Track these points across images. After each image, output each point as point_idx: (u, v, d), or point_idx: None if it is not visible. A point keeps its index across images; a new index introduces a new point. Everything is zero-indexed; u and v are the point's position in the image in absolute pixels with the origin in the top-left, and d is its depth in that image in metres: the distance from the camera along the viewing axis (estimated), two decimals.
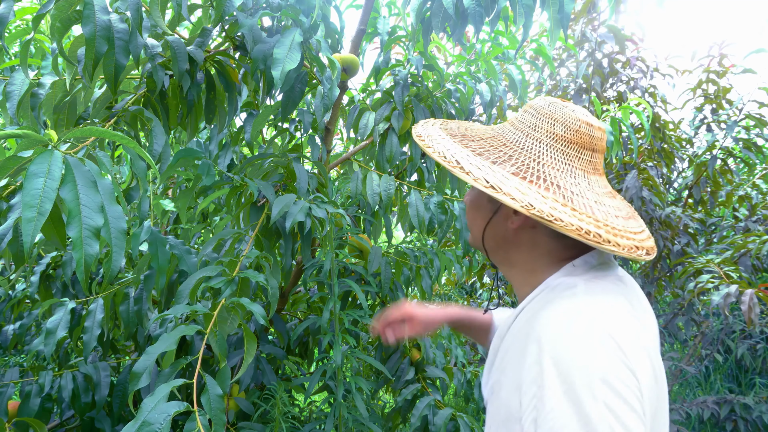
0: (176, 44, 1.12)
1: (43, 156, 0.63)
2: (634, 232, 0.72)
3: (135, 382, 0.86)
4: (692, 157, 3.20)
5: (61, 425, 1.49)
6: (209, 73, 1.26)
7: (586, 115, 0.76)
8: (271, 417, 1.38)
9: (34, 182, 0.62)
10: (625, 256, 0.67)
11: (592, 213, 0.69)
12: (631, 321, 0.67)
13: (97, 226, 0.66)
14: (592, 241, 0.65)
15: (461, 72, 1.88)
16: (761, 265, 2.23)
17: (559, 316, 0.65)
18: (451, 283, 4.24)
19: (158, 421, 0.76)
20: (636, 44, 3.01)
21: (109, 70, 0.98)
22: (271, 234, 1.34)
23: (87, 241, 0.66)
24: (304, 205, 1.24)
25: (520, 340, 0.69)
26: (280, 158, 1.41)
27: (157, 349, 0.88)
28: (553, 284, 0.73)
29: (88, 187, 0.67)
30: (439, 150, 0.75)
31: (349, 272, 1.62)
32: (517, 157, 0.74)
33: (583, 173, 0.74)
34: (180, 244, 1.26)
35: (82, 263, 0.66)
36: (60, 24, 0.94)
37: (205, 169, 1.21)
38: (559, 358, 0.60)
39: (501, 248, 0.82)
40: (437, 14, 1.32)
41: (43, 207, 0.61)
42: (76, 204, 0.66)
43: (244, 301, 1.00)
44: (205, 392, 0.86)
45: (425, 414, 1.40)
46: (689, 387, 3.49)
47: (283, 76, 1.05)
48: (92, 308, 1.29)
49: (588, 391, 0.57)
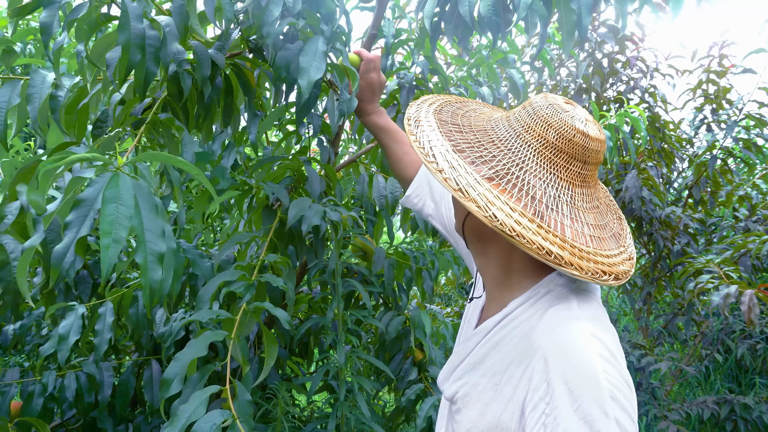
0: (199, 49, 1.12)
1: (113, 180, 0.64)
2: (606, 255, 0.70)
3: (166, 389, 0.86)
4: (692, 157, 3.21)
5: (62, 425, 1.49)
6: (227, 77, 1.26)
7: (585, 124, 0.71)
8: (273, 417, 1.38)
9: (110, 208, 0.62)
10: (587, 280, 0.65)
11: (561, 232, 0.66)
12: (611, 328, 0.69)
13: (161, 252, 0.67)
14: (552, 262, 0.63)
15: (464, 76, 1.89)
16: (761, 265, 2.23)
17: (564, 333, 0.65)
18: (451, 283, 4.24)
19: (205, 430, 0.77)
20: (636, 44, 3.01)
21: (140, 78, 0.97)
22: (283, 237, 1.34)
23: (152, 267, 0.67)
24: (319, 208, 1.24)
25: (515, 350, 0.70)
26: (290, 161, 1.41)
27: (187, 356, 0.89)
28: (544, 291, 0.72)
29: (151, 210, 0.68)
30: (420, 139, 0.72)
31: (352, 273, 1.62)
32: (500, 158, 0.70)
33: (568, 185, 0.70)
34: (192, 247, 1.27)
35: (148, 289, 0.67)
36: (87, 27, 0.94)
37: (220, 172, 1.21)
38: (568, 376, 0.61)
39: (480, 241, 0.81)
40: (449, 20, 1.32)
41: (118, 235, 0.62)
42: (141, 230, 0.66)
43: (267, 305, 1.00)
44: (235, 399, 0.87)
45: (430, 415, 1.40)
46: (689, 387, 3.50)
47: (310, 86, 1.05)
48: (101, 311, 1.29)
49: (599, 408, 0.59)
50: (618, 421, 0.58)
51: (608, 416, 0.58)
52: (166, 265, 0.68)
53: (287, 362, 1.75)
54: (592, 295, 0.74)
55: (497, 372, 0.71)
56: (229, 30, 1.19)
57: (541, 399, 0.63)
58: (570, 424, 0.59)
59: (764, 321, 2.94)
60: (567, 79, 3.21)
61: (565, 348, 0.64)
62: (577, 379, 0.61)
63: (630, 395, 0.62)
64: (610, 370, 0.61)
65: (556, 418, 0.60)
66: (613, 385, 0.60)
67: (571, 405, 0.59)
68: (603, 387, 0.59)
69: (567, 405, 0.60)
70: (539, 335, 0.67)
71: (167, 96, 1.15)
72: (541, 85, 3.30)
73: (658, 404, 2.75)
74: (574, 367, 0.62)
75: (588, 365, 0.61)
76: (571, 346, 0.63)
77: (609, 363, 0.62)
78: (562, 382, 0.61)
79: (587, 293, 0.73)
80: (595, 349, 0.62)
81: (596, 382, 0.60)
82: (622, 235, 0.79)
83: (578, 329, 0.65)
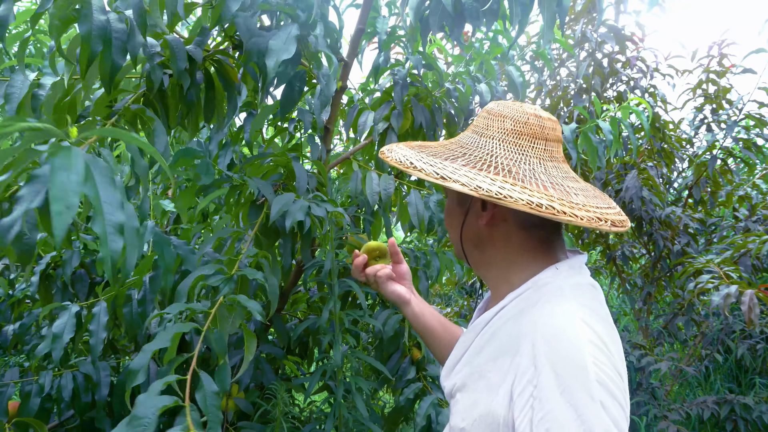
0: (174, 43, 1.12)
1: (64, 152, 0.63)
2: (597, 207, 0.73)
3: (132, 380, 0.87)
4: (692, 157, 3.20)
5: (61, 425, 1.49)
6: (208, 73, 1.26)
7: (535, 109, 0.79)
8: (272, 417, 1.38)
9: (60, 175, 0.61)
10: (585, 226, 0.68)
11: (544, 190, 0.70)
12: (611, 325, 0.71)
13: (120, 222, 0.66)
14: (546, 213, 0.65)
15: (460, 72, 1.88)
16: (761, 265, 2.23)
17: (553, 319, 0.66)
18: (452, 284, 4.24)
19: (147, 415, 0.76)
20: (636, 44, 3.01)
21: (105, 70, 0.97)
22: (270, 233, 1.34)
23: (111, 238, 0.65)
24: (303, 204, 1.23)
25: (507, 339, 0.71)
26: (279, 157, 1.41)
27: (153, 347, 0.89)
28: (540, 284, 0.74)
29: (108, 183, 0.66)
30: (396, 158, 0.79)
31: (348, 272, 1.62)
32: (471, 153, 0.77)
33: (539, 161, 0.76)
34: (183, 244, 1.26)
35: (109, 260, 0.66)
36: (59, 22, 0.94)
37: (204, 167, 1.20)
38: (556, 360, 0.62)
39: (477, 248, 0.83)
40: (435, 12, 1.32)
41: (70, 201, 0.60)
42: (97, 201, 0.65)
43: (241, 298, 1.00)
44: (200, 388, 0.86)
45: (429, 413, 1.40)
46: (689, 387, 3.49)
47: (276, 66, 1.04)
48: (95, 311, 1.29)
49: (585, 391, 0.59)
50: (604, 405, 0.59)
51: (594, 399, 0.59)
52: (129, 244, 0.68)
53: (286, 362, 1.74)
54: (590, 289, 0.75)
55: (490, 360, 0.73)
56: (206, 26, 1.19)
57: (529, 382, 0.64)
58: (556, 406, 0.60)
59: (764, 321, 2.94)
60: (567, 79, 3.21)
61: (553, 332, 0.65)
62: (563, 362, 0.62)
63: (621, 384, 0.62)
64: (599, 355, 0.62)
65: (542, 400, 0.61)
66: (600, 370, 0.61)
67: (557, 387, 0.60)
68: (589, 371, 0.60)
69: (553, 388, 0.61)
70: (528, 321, 0.69)
71: (146, 91, 1.15)
72: (541, 86, 3.29)
73: (658, 404, 2.74)
74: (561, 350, 0.63)
75: (575, 349, 0.62)
76: (559, 330, 0.64)
77: (598, 349, 0.63)
78: (549, 365, 0.62)
79: (584, 287, 0.74)
80: (585, 335, 0.63)
81: (583, 365, 0.61)
82: (605, 197, 0.82)
83: (568, 315, 0.66)
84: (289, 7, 1.14)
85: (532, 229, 0.77)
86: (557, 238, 0.80)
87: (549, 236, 0.79)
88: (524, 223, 0.77)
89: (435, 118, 1.72)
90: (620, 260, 3.20)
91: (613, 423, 0.59)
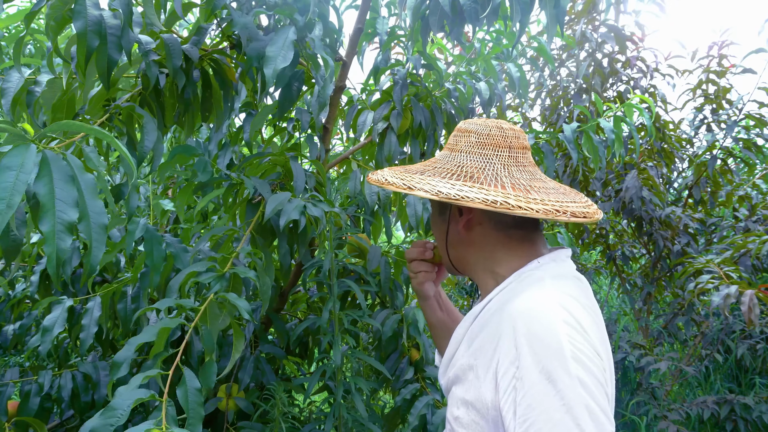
0: (170, 41, 1.12)
1: (19, 149, 0.63)
2: (558, 201, 0.77)
3: (115, 372, 0.88)
4: (692, 157, 3.20)
5: (61, 425, 1.49)
6: (205, 72, 1.26)
7: (498, 122, 0.86)
8: (271, 417, 1.38)
9: (7, 175, 0.62)
10: (541, 217, 0.73)
11: (502, 189, 0.76)
12: (595, 313, 0.77)
13: (71, 221, 0.67)
14: (501, 208, 0.72)
15: (461, 71, 1.87)
16: (761, 265, 2.23)
17: (531, 302, 0.72)
18: (452, 283, 4.24)
19: (121, 407, 0.77)
20: (636, 44, 3.01)
21: (102, 66, 0.98)
22: (266, 232, 1.34)
23: (60, 236, 0.66)
24: (299, 203, 1.23)
25: (492, 327, 0.76)
26: (277, 157, 1.41)
27: (138, 340, 0.89)
28: (523, 276, 0.79)
29: (65, 181, 0.67)
30: (375, 178, 0.87)
31: (348, 272, 1.61)
32: (442, 167, 0.84)
33: (503, 166, 0.82)
34: (177, 242, 1.26)
35: (54, 258, 0.66)
36: (54, 22, 0.94)
37: (201, 164, 1.20)
38: (533, 340, 0.67)
39: (462, 253, 0.88)
40: (434, 12, 1.32)
41: (12, 200, 0.61)
42: (49, 198, 0.66)
43: (230, 296, 1.00)
44: (182, 384, 0.86)
45: (424, 413, 1.40)
46: (689, 387, 3.49)
47: (275, 75, 1.05)
48: (89, 306, 1.29)
49: (562, 369, 0.64)
50: (581, 381, 0.63)
51: (570, 375, 0.63)
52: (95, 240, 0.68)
53: (286, 362, 1.74)
54: (573, 280, 0.80)
55: (478, 350, 0.77)
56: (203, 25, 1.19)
57: (511, 363, 0.68)
58: (535, 383, 0.64)
59: (764, 321, 2.93)
60: (567, 79, 3.21)
61: (530, 314, 0.69)
62: (539, 341, 0.66)
63: (599, 362, 0.67)
64: (574, 335, 0.67)
65: (522, 378, 0.66)
66: (576, 347, 0.65)
67: (536, 366, 0.65)
68: (564, 348, 0.65)
69: (532, 366, 0.65)
70: (510, 308, 0.73)
71: (141, 90, 1.15)
72: (541, 86, 3.29)
73: (658, 404, 2.74)
74: (537, 330, 0.67)
75: (550, 329, 0.67)
76: (535, 312, 0.70)
77: (573, 329, 0.67)
78: (527, 345, 0.67)
79: (567, 278, 0.79)
80: (560, 316, 0.68)
81: (558, 343, 0.65)
82: (577, 194, 0.87)
83: (544, 299, 0.71)
84: (288, 9, 1.14)
85: (510, 229, 0.83)
86: (538, 236, 0.85)
87: (528, 234, 0.83)
88: (499, 224, 0.83)
89: (435, 118, 1.72)
90: (620, 260, 3.20)
91: (591, 398, 0.63)
